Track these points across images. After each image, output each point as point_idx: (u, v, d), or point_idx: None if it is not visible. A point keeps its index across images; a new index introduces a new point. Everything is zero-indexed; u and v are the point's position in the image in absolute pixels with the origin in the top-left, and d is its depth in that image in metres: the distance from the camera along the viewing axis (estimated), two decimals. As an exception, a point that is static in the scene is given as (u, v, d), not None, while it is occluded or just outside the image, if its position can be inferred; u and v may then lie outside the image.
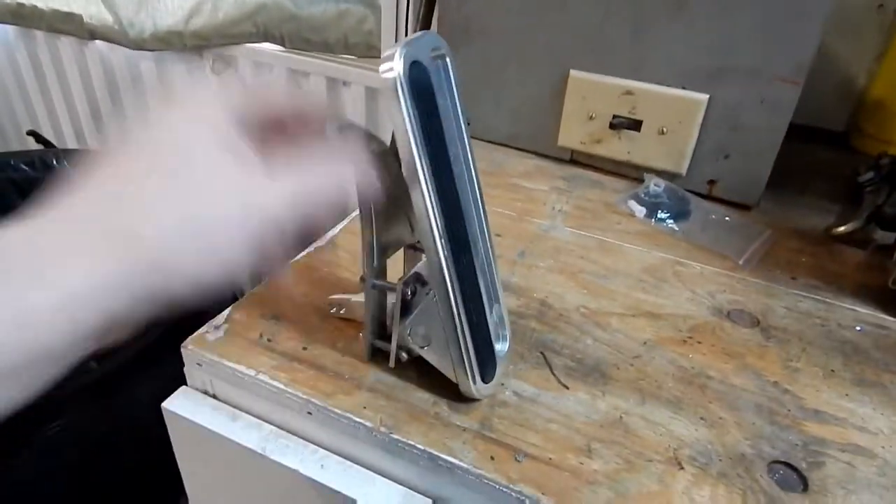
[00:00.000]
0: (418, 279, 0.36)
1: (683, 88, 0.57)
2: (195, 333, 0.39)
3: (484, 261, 0.35)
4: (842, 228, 0.54)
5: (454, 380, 0.34)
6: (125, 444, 0.78)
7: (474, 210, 0.34)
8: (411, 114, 0.28)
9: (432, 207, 0.29)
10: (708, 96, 0.56)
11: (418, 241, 0.33)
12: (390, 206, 0.32)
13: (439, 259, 0.31)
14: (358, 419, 0.34)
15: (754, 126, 0.55)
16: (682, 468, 0.32)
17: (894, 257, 0.48)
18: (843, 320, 0.44)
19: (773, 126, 0.54)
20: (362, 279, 0.40)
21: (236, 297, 0.42)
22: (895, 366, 0.40)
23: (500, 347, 0.36)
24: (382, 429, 0.33)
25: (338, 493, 0.34)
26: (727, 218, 0.56)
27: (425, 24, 0.77)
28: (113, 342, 0.23)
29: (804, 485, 0.31)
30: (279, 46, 1.20)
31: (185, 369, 0.39)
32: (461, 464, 0.31)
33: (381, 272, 0.35)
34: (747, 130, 0.56)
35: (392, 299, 0.35)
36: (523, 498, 0.30)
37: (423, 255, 0.36)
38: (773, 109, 0.54)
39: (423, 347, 0.34)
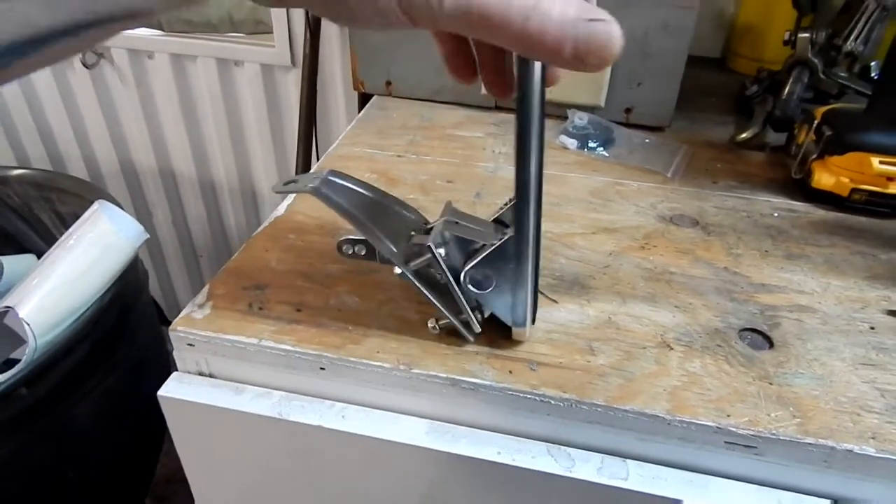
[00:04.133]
0: (447, 231, 0.35)
1: (594, 24, 0.60)
2: (179, 315, 0.38)
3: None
4: (743, 135, 0.61)
5: (509, 323, 0.34)
6: (70, 466, 0.73)
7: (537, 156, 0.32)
8: None
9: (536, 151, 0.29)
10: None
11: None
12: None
13: (528, 212, 0.31)
14: (375, 363, 0.35)
15: (660, 52, 0.60)
16: (671, 349, 0.36)
17: (791, 152, 0.55)
18: (763, 210, 0.51)
19: (676, 50, 0.60)
20: (339, 246, 0.38)
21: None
22: (812, 240, 0.47)
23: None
24: (402, 367, 0.34)
25: (363, 436, 0.35)
26: (647, 140, 0.61)
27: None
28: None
29: (770, 343, 0.37)
30: (158, 31, 1.12)
31: (174, 353, 0.38)
32: (484, 382, 0.33)
33: (411, 255, 0.34)
34: (655, 57, 0.61)
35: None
36: (547, 399, 0.33)
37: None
38: (676, 34, 0.59)
39: (480, 293, 0.34)
